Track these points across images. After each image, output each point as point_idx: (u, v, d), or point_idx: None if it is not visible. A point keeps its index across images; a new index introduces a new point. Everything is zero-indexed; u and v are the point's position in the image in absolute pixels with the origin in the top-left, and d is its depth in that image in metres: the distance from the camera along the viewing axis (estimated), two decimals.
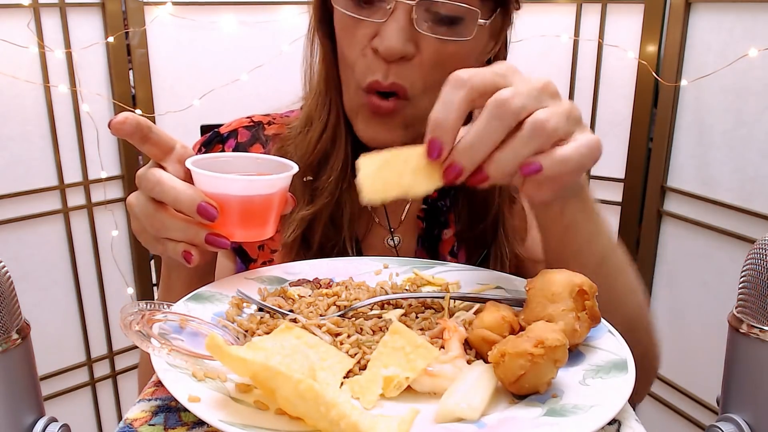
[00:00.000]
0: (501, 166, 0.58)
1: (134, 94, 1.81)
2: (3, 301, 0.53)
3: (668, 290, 1.76)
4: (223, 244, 0.68)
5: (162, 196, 0.67)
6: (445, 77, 0.66)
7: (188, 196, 0.66)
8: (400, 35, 0.78)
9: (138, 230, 0.72)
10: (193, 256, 0.68)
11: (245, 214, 0.69)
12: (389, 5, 0.78)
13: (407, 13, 0.78)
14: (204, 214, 0.66)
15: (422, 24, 0.79)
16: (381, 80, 0.81)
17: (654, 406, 1.82)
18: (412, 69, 0.81)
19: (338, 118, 0.90)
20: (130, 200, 0.71)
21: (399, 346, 0.58)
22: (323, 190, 0.90)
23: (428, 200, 0.97)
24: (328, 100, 0.90)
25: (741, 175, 1.52)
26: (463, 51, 0.82)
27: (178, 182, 0.67)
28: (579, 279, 0.61)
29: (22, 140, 1.66)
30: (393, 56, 0.79)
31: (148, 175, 0.68)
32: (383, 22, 0.79)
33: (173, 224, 0.68)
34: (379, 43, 0.79)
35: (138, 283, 1.94)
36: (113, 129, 0.67)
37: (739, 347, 0.57)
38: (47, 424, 0.56)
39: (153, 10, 1.76)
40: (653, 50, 1.68)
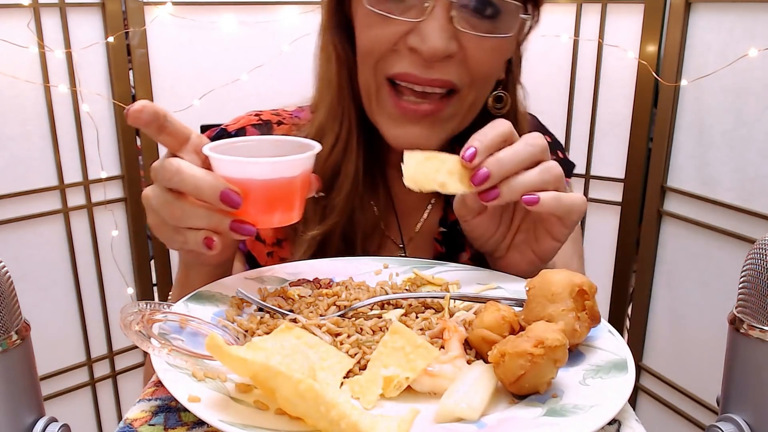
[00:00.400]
0: (512, 188, 0.70)
1: (134, 94, 1.81)
2: (3, 301, 0.53)
3: (668, 290, 1.76)
4: (249, 231, 0.66)
5: (182, 185, 0.65)
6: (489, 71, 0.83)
7: (210, 183, 0.64)
8: (442, 34, 0.76)
9: (156, 224, 0.69)
10: (215, 242, 0.66)
11: (269, 198, 0.66)
12: (427, 3, 0.76)
13: (446, 10, 0.76)
14: (227, 201, 0.64)
15: (461, 21, 0.77)
16: (418, 74, 0.79)
17: (654, 406, 1.82)
18: (455, 66, 0.79)
19: (350, 131, 0.88)
20: (147, 193, 0.68)
21: (399, 346, 0.58)
22: (334, 208, 0.87)
23: (448, 223, 0.95)
24: (341, 110, 0.88)
25: (741, 175, 1.52)
26: (504, 45, 0.82)
27: (197, 170, 0.65)
28: (579, 279, 0.61)
29: (22, 140, 1.66)
30: (437, 57, 0.77)
31: (166, 165, 0.65)
32: (421, 20, 0.76)
33: (195, 213, 0.65)
34: (419, 42, 0.77)
35: (138, 283, 1.94)
36: (131, 118, 0.65)
37: (739, 347, 0.57)
38: (47, 424, 0.55)
39: (153, 10, 1.76)
40: (653, 50, 1.68)
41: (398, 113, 0.82)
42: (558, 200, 0.70)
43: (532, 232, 0.77)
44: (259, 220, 0.67)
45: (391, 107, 0.82)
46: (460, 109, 0.84)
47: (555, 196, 0.70)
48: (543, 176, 0.70)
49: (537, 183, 0.70)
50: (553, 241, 0.76)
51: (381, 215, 0.93)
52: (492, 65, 0.83)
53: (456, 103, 0.83)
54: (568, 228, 0.75)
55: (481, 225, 0.78)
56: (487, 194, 0.70)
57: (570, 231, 0.75)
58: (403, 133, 0.83)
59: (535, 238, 0.77)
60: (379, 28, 0.79)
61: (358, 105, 0.88)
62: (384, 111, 0.84)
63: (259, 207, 0.66)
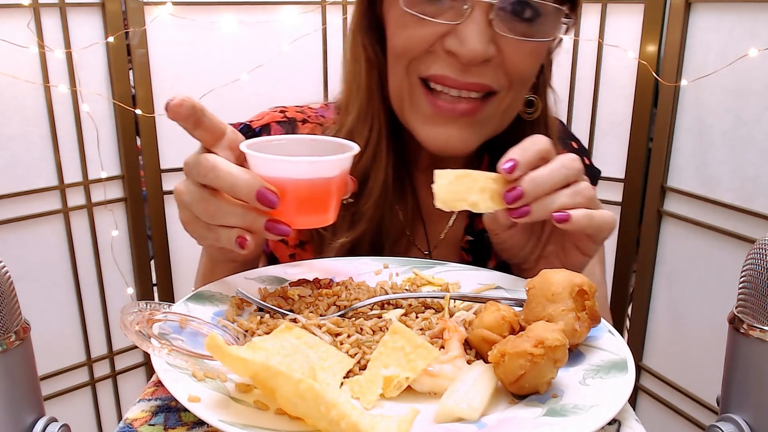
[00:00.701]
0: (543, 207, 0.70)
1: (134, 94, 1.81)
2: (3, 301, 0.53)
3: (668, 290, 1.76)
4: (284, 231, 0.65)
5: (217, 182, 0.63)
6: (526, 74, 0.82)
7: (246, 181, 0.62)
8: (481, 38, 0.74)
9: (188, 220, 0.68)
10: (248, 241, 0.64)
11: (306, 198, 0.65)
12: (466, 5, 0.74)
13: (485, 13, 0.74)
14: (263, 201, 0.62)
15: (500, 24, 0.75)
16: (455, 77, 0.77)
17: (654, 406, 1.82)
18: (493, 69, 0.78)
19: (380, 135, 0.86)
20: (179, 188, 0.67)
21: (399, 346, 0.58)
22: (363, 215, 0.86)
23: (475, 231, 0.94)
24: (371, 113, 0.86)
25: (741, 175, 1.52)
26: (541, 48, 0.81)
27: (234, 167, 0.64)
28: (579, 279, 0.61)
29: (22, 140, 1.66)
30: (476, 61, 0.75)
31: (201, 161, 0.64)
32: (459, 23, 0.75)
33: (231, 210, 0.64)
34: (457, 45, 0.75)
35: (138, 283, 1.94)
36: (170, 112, 0.64)
37: (739, 347, 0.57)
38: (47, 424, 0.55)
39: (153, 10, 1.76)
40: (653, 50, 1.68)
41: (434, 112, 0.80)
42: (589, 218, 0.70)
43: (560, 244, 0.77)
44: (295, 221, 0.66)
45: (427, 106, 0.81)
46: (497, 112, 0.83)
47: (586, 214, 0.70)
48: (575, 198, 0.70)
49: (568, 204, 0.70)
50: (582, 256, 0.76)
51: (407, 221, 0.92)
52: (530, 69, 0.82)
53: (493, 106, 0.82)
54: (597, 244, 0.75)
55: (511, 238, 0.78)
56: (518, 211, 0.70)
57: (599, 247, 0.75)
58: (438, 132, 0.81)
59: (563, 251, 0.77)
60: (415, 29, 0.77)
61: (387, 108, 0.87)
62: (418, 111, 0.82)
63: (295, 207, 0.65)
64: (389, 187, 0.87)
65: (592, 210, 0.71)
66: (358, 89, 0.87)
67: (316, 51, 1.85)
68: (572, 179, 0.71)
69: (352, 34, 0.88)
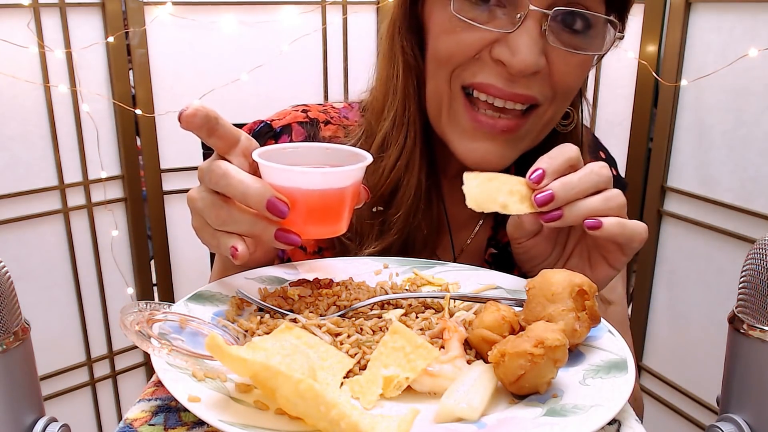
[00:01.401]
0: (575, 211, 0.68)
1: (134, 94, 1.81)
2: (3, 301, 0.53)
3: (668, 290, 1.76)
4: (294, 241, 0.64)
5: (228, 189, 0.63)
6: (572, 87, 0.80)
7: (257, 190, 0.62)
8: (534, 48, 0.72)
9: (199, 226, 0.67)
10: (239, 252, 0.64)
11: (318, 208, 0.64)
12: (519, 13, 0.71)
13: (539, 22, 0.72)
14: (273, 210, 0.62)
15: (552, 35, 0.73)
16: (502, 87, 0.75)
17: (654, 406, 1.82)
18: (539, 81, 0.76)
19: (415, 143, 0.84)
20: (192, 195, 0.66)
21: (399, 346, 0.58)
22: (392, 225, 0.84)
23: (499, 244, 0.92)
24: (407, 119, 0.83)
25: (741, 175, 1.52)
26: (589, 61, 0.78)
27: (245, 176, 0.63)
28: (579, 279, 0.61)
29: (22, 140, 1.66)
30: (527, 72, 0.73)
31: (213, 168, 0.64)
32: (511, 32, 0.72)
33: (241, 218, 0.64)
34: (508, 55, 0.72)
35: (138, 283, 1.94)
36: (184, 122, 0.63)
37: (739, 347, 0.57)
38: (47, 424, 0.55)
39: (153, 10, 1.76)
40: (653, 50, 1.68)
41: (473, 126, 0.78)
42: (622, 227, 0.69)
43: (586, 258, 0.76)
44: (305, 230, 0.65)
45: (466, 120, 0.79)
46: (537, 126, 0.81)
47: (619, 222, 0.68)
48: (607, 203, 0.69)
49: (600, 209, 0.68)
50: (609, 269, 0.74)
51: (432, 230, 0.89)
52: (576, 82, 0.80)
53: (534, 120, 0.80)
54: (626, 256, 0.73)
55: (535, 247, 0.76)
56: (550, 215, 0.68)
57: (628, 259, 0.74)
58: (477, 148, 0.79)
59: (589, 264, 0.75)
60: (463, 35, 0.75)
61: (423, 115, 0.84)
62: (457, 123, 0.80)
63: (305, 217, 0.64)
64: (420, 198, 0.85)
65: (624, 219, 0.69)
66: (394, 94, 0.84)
67: (316, 51, 1.85)
68: (602, 186, 0.69)
69: (390, 36, 0.85)
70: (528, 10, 0.71)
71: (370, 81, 0.91)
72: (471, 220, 0.93)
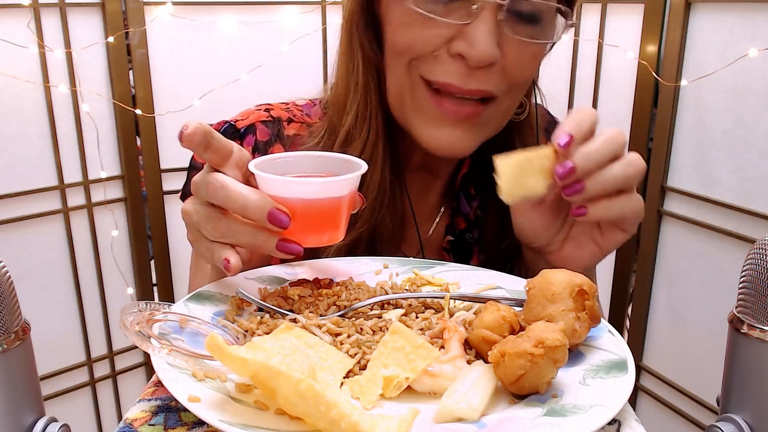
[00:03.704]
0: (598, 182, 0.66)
1: (134, 94, 1.81)
2: (3, 301, 0.53)
3: (668, 290, 1.76)
4: (296, 251, 0.65)
5: (227, 202, 0.63)
6: (527, 77, 0.81)
7: (257, 202, 0.62)
8: (491, 39, 0.73)
9: (195, 239, 0.68)
10: (232, 264, 0.64)
11: (317, 217, 0.65)
12: (475, 5, 0.72)
13: (494, 13, 0.73)
14: (275, 222, 0.62)
15: (508, 26, 0.74)
16: (460, 85, 0.76)
17: (654, 406, 1.82)
18: (495, 73, 0.77)
19: (377, 136, 0.85)
20: (187, 209, 0.67)
21: (399, 346, 0.58)
22: (357, 218, 0.84)
23: (456, 231, 0.94)
24: (369, 113, 0.84)
25: (741, 175, 1.52)
26: (542, 50, 0.80)
27: (244, 188, 0.63)
28: (579, 279, 0.61)
29: (22, 140, 1.66)
30: (485, 63, 0.74)
31: (210, 180, 0.64)
32: (467, 24, 0.73)
33: (240, 230, 0.64)
34: (466, 48, 0.73)
35: (138, 283, 1.94)
36: (185, 141, 0.64)
37: (739, 347, 0.57)
38: (47, 424, 0.55)
39: (153, 10, 1.76)
40: (653, 50, 1.68)
41: (439, 113, 0.79)
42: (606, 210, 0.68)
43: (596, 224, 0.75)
44: (305, 239, 0.66)
45: (431, 107, 0.79)
46: (496, 115, 0.82)
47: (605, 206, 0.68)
48: (627, 170, 0.68)
49: (621, 177, 0.67)
50: (621, 233, 0.73)
51: (398, 224, 0.91)
52: (530, 72, 0.81)
53: (493, 109, 0.81)
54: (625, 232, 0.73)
55: (539, 217, 0.75)
56: (572, 188, 0.67)
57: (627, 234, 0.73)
58: (443, 135, 0.80)
59: (599, 230, 0.75)
60: (421, 29, 0.75)
61: (385, 108, 0.85)
62: (421, 111, 0.81)
63: (305, 226, 0.65)
64: (386, 190, 0.85)
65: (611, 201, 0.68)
66: (355, 89, 0.85)
67: (316, 51, 1.85)
68: (619, 153, 0.68)
69: (347, 31, 0.85)
70: (483, 1, 0.72)
71: (331, 77, 0.91)
72: (433, 210, 0.95)
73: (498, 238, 0.93)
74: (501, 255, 0.93)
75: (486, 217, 0.95)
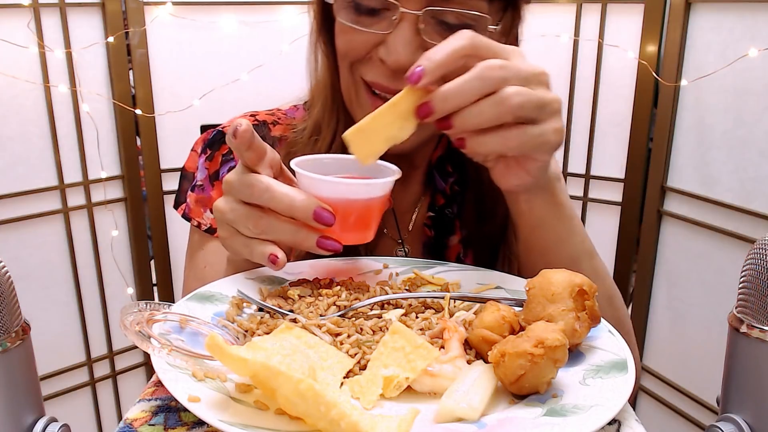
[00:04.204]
0: (464, 121, 0.63)
1: (134, 94, 1.81)
2: (3, 301, 0.53)
3: (668, 290, 1.76)
4: (336, 248, 0.68)
5: (272, 203, 0.66)
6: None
7: (302, 202, 0.65)
8: (407, 48, 0.76)
9: (227, 236, 0.70)
10: (280, 259, 0.67)
11: (355, 217, 0.68)
12: (395, 16, 0.76)
13: (414, 23, 0.76)
14: (321, 220, 0.65)
15: (430, 33, 0.77)
16: (388, 84, 0.80)
17: (654, 406, 1.82)
18: None
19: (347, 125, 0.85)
20: (221, 207, 0.69)
21: (399, 346, 0.58)
22: None
23: (435, 207, 0.96)
24: (335, 106, 0.90)
25: (741, 175, 1.52)
26: None
27: (288, 188, 0.66)
28: (579, 279, 0.61)
29: (22, 140, 1.66)
30: (403, 69, 0.74)
31: (252, 181, 0.66)
32: (388, 33, 0.77)
33: (282, 228, 0.67)
34: (386, 54, 0.78)
35: (138, 283, 1.94)
36: (238, 139, 0.65)
37: (739, 347, 0.57)
38: (47, 424, 0.55)
39: (153, 10, 1.76)
40: (653, 50, 1.68)
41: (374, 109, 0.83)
42: (482, 145, 0.64)
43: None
44: (342, 237, 0.69)
45: (368, 105, 0.84)
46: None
47: (480, 141, 0.64)
48: (498, 108, 0.62)
49: (490, 115, 0.62)
50: (533, 161, 0.70)
51: None
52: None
53: None
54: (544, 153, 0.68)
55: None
56: (441, 124, 0.65)
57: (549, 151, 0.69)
58: None
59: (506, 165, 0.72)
60: (353, 36, 0.81)
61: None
62: (363, 109, 0.85)
63: (344, 224, 0.68)
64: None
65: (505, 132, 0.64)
66: (323, 87, 0.91)
67: None
68: (489, 89, 0.62)
69: (310, 35, 0.92)
70: (400, 12, 0.76)
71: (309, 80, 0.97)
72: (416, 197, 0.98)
73: (477, 211, 0.95)
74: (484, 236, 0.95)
75: (464, 191, 0.96)
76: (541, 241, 0.78)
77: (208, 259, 0.93)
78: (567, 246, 0.78)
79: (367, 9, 0.78)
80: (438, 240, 0.96)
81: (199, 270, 0.94)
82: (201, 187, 0.95)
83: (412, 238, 0.97)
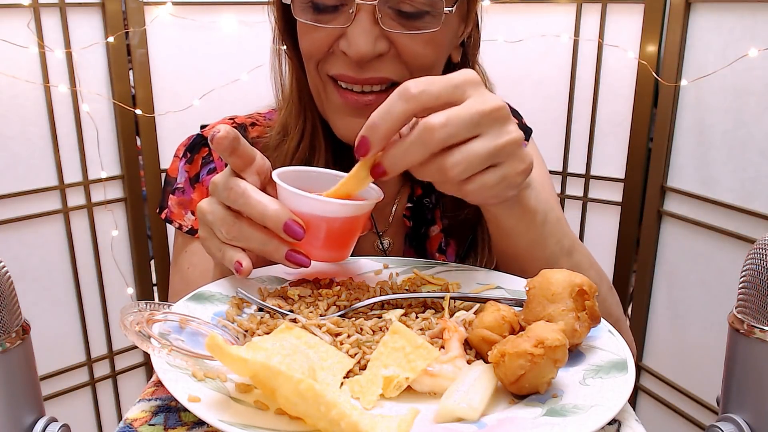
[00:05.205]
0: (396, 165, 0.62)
1: (134, 94, 1.81)
2: (3, 301, 0.53)
3: (668, 290, 1.76)
4: (303, 263, 0.68)
5: (246, 208, 0.66)
6: (426, 63, 0.82)
7: (275, 212, 0.65)
8: (367, 38, 0.78)
9: (206, 237, 0.71)
10: (244, 267, 0.67)
11: (329, 235, 0.68)
12: (351, 9, 0.77)
13: (371, 13, 0.77)
14: (290, 232, 0.65)
15: (388, 21, 0.78)
16: (354, 75, 0.81)
17: (654, 406, 1.82)
18: (389, 62, 0.81)
19: (315, 126, 0.90)
20: (204, 207, 0.69)
21: (399, 346, 0.58)
22: None
23: (414, 198, 0.97)
24: (303, 107, 0.90)
25: (741, 175, 1.52)
26: (436, 38, 0.82)
27: (264, 197, 0.66)
28: (579, 279, 0.61)
29: (22, 140, 1.66)
30: (365, 59, 0.79)
31: (231, 185, 0.67)
32: (347, 26, 0.79)
33: (253, 236, 0.67)
34: (347, 47, 0.79)
35: (138, 283, 1.94)
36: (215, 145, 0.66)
37: (739, 347, 0.57)
38: (47, 424, 0.56)
39: (153, 10, 1.76)
40: (653, 50, 1.68)
41: (344, 103, 0.84)
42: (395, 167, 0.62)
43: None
44: (313, 254, 0.69)
45: (337, 99, 0.84)
46: None
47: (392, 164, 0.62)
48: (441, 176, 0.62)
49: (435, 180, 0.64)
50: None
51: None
52: (428, 58, 0.83)
53: None
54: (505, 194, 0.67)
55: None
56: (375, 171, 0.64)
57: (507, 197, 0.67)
58: (350, 123, 0.84)
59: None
60: (314, 34, 0.82)
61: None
62: (332, 104, 0.86)
63: (316, 241, 0.68)
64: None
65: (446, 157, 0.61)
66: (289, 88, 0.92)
67: None
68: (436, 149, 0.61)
69: (273, 41, 0.93)
70: (356, 5, 0.77)
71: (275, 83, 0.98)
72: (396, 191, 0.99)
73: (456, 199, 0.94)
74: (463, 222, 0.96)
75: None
76: (512, 248, 0.77)
77: (191, 260, 0.94)
78: (540, 250, 0.76)
79: (325, 6, 0.79)
80: (418, 231, 0.96)
81: (183, 271, 0.94)
82: (182, 189, 0.96)
83: (394, 231, 0.98)
